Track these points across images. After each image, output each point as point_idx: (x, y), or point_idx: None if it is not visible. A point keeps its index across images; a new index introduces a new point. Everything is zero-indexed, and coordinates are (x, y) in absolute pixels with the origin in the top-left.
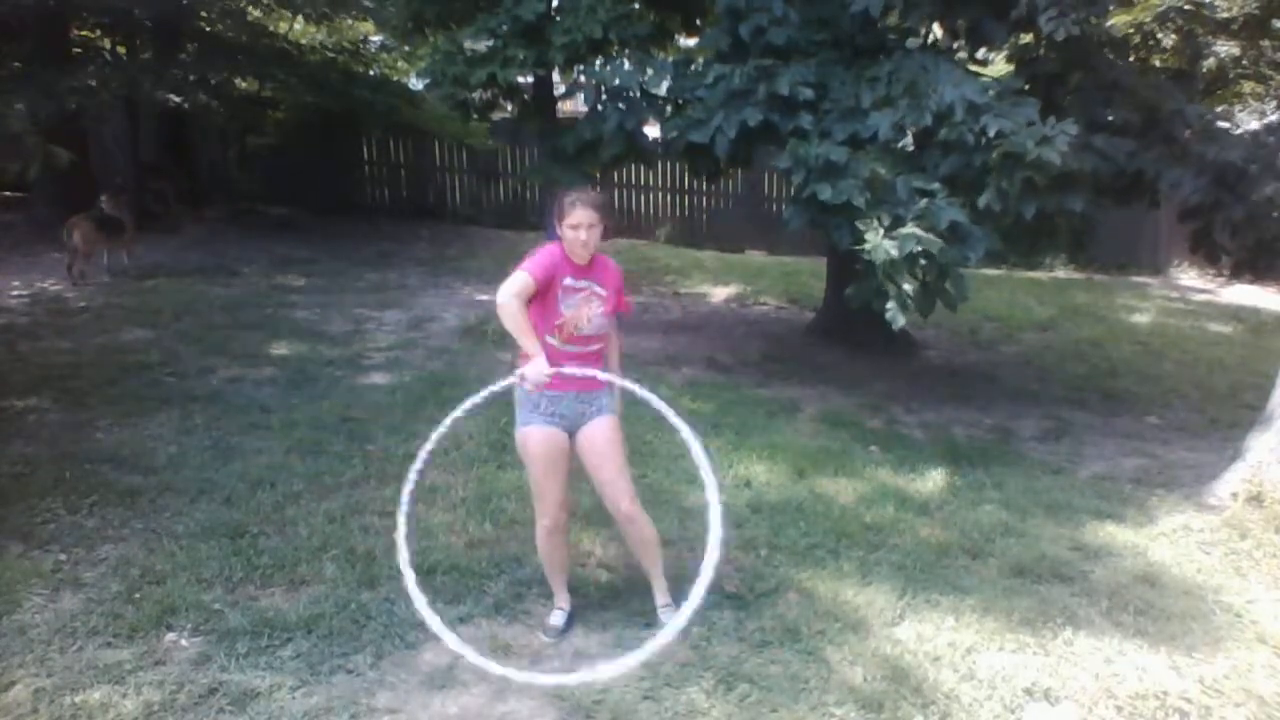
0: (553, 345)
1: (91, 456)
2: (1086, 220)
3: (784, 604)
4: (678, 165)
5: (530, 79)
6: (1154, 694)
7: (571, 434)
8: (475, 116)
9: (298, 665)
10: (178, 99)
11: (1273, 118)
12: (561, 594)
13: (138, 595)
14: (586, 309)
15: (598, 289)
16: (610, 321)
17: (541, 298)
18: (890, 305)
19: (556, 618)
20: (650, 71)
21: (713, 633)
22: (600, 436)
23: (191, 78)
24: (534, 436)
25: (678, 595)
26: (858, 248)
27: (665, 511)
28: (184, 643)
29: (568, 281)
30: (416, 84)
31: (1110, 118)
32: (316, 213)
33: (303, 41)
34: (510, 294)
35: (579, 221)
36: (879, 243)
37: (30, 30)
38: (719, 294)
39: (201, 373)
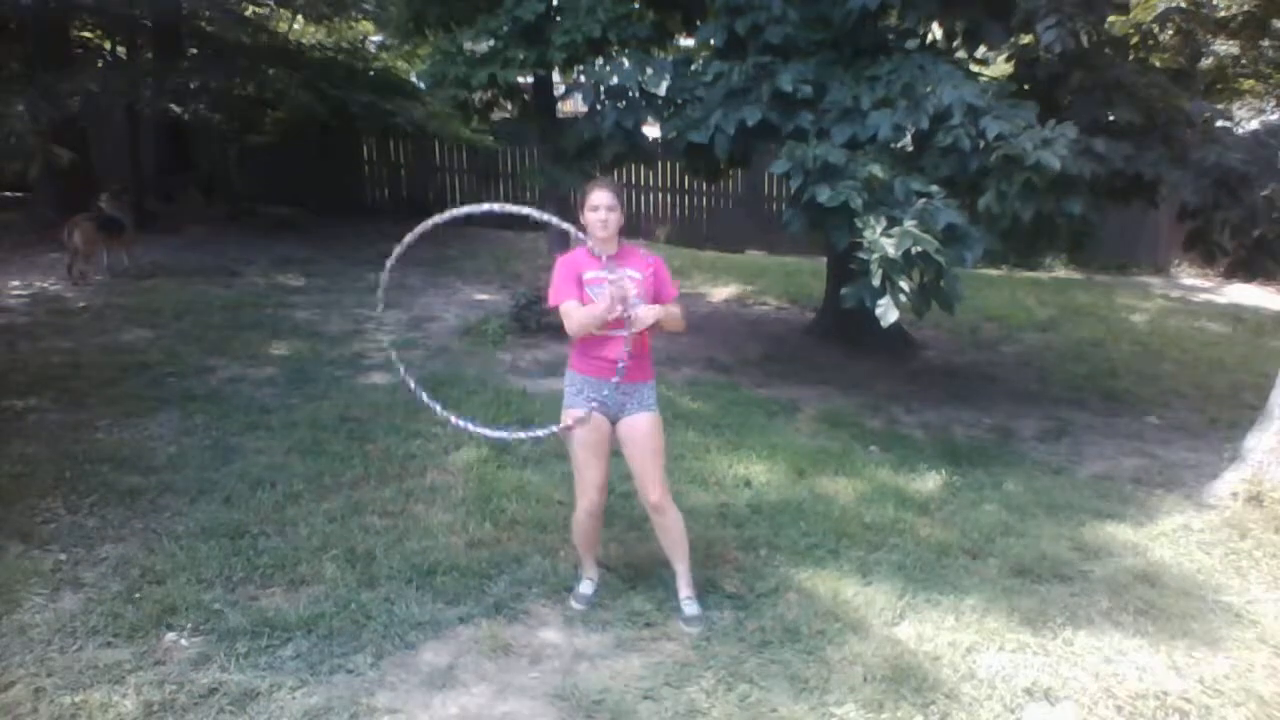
0: (593, 332)
1: (91, 456)
2: (1086, 222)
3: (784, 604)
4: (678, 165)
5: (530, 79)
6: (1154, 694)
7: (614, 421)
8: (476, 117)
9: (298, 665)
10: (178, 109)
11: (1272, 117)
12: (591, 567)
13: (138, 595)
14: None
15: (630, 272)
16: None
17: (579, 293)
18: (882, 302)
19: (586, 586)
20: (650, 71)
21: (713, 633)
22: (640, 429)
23: (192, 84)
24: (577, 418)
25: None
26: (856, 248)
27: None
28: (184, 643)
29: (589, 275)
30: (420, 84)
31: (1111, 118)
32: (316, 213)
33: (303, 40)
34: (570, 325)
35: (598, 202)
36: (877, 239)
37: (30, 31)
38: (719, 294)
39: (201, 373)
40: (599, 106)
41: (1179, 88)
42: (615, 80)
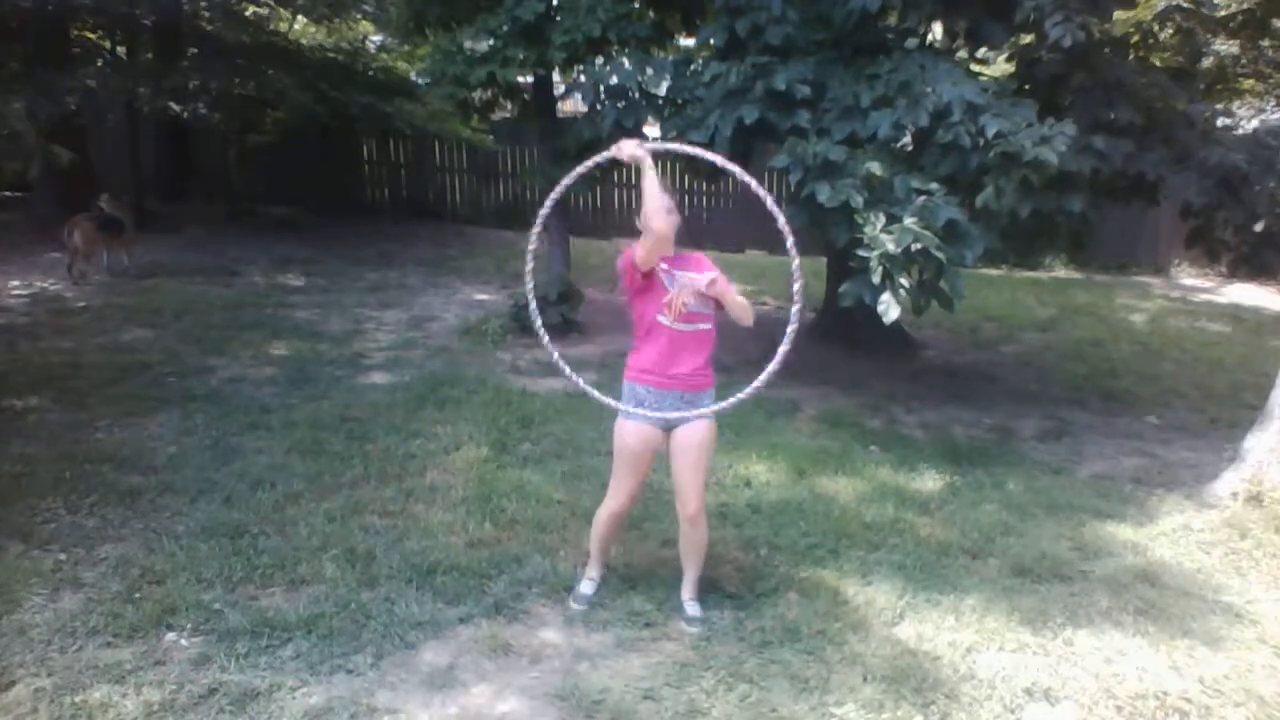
0: (664, 325)
1: (91, 456)
2: (1086, 221)
3: (784, 604)
4: (677, 165)
5: (530, 79)
6: (1154, 694)
7: (669, 430)
8: (476, 116)
9: (298, 665)
10: (178, 108)
11: (1273, 117)
12: (596, 568)
13: (138, 595)
14: (687, 292)
15: (695, 277)
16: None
17: (648, 284)
18: (884, 299)
19: (587, 587)
20: (650, 71)
21: (713, 633)
22: (695, 440)
23: (192, 84)
24: (629, 431)
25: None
26: (855, 246)
27: (667, 510)
28: (184, 643)
29: (665, 265)
30: (421, 82)
31: (1112, 117)
32: (316, 213)
33: (302, 41)
34: (646, 243)
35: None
36: (877, 235)
37: (30, 30)
38: None
39: (201, 373)
40: (599, 106)
41: (1179, 87)
42: (615, 80)
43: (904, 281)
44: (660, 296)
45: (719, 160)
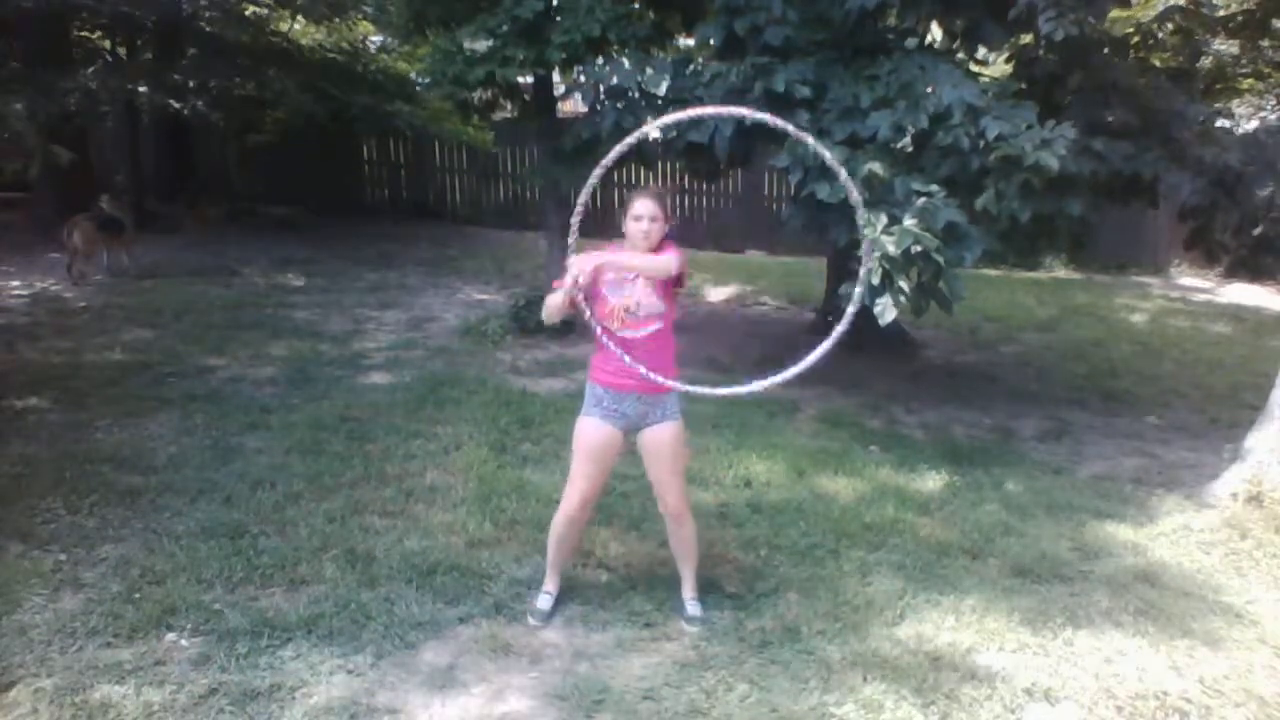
0: (612, 329)
1: (91, 456)
2: (1085, 222)
3: (784, 604)
4: (678, 165)
5: (530, 79)
6: (1154, 694)
7: (631, 432)
8: (476, 116)
9: (298, 665)
10: (177, 105)
11: (1271, 118)
12: (553, 579)
13: (138, 595)
14: (636, 294)
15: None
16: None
17: (594, 292)
18: (881, 301)
19: (544, 601)
20: (649, 71)
21: (713, 633)
22: (663, 441)
23: (191, 84)
24: (586, 428)
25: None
26: (855, 247)
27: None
28: (184, 643)
29: (611, 276)
30: (421, 81)
31: (1109, 118)
32: (316, 213)
33: (303, 41)
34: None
35: (640, 213)
36: (877, 237)
37: (30, 30)
38: (719, 294)
39: (201, 373)
40: (599, 106)
41: (1179, 88)
42: (615, 80)
43: (903, 284)
44: (603, 305)
45: (770, 120)
